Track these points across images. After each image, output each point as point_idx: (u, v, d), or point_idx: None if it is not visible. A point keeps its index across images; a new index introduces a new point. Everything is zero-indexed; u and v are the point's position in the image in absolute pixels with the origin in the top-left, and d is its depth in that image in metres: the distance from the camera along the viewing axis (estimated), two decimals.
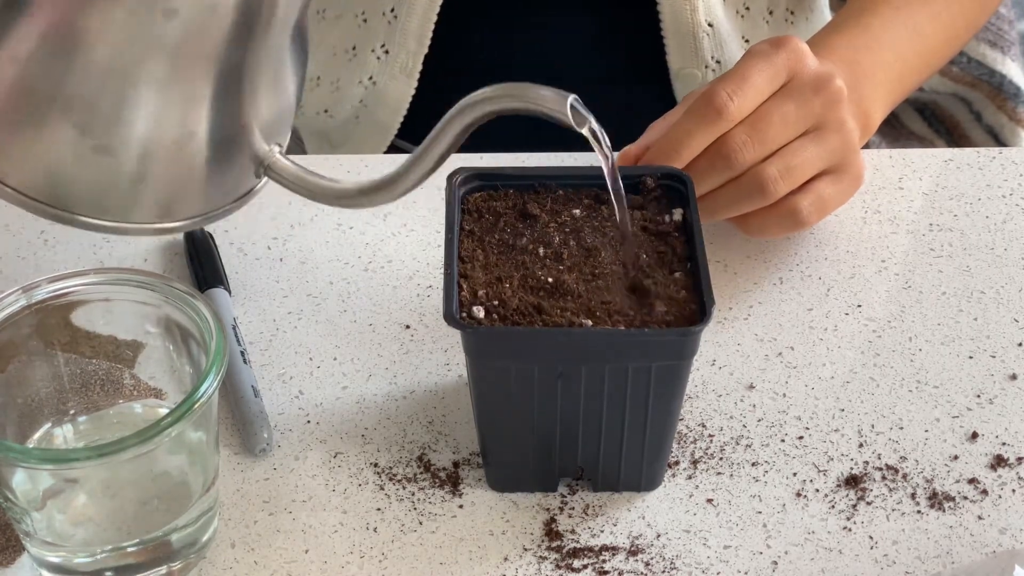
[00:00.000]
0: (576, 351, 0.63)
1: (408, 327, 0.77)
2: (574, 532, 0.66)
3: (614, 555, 0.65)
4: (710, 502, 0.68)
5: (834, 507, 0.67)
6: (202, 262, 0.79)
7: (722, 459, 0.70)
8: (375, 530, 0.67)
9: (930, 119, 1.13)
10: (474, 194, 0.70)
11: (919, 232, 0.83)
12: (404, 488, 0.68)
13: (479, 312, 0.63)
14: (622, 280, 0.65)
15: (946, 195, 0.86)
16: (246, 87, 0.66)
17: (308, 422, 0.72)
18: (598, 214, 0.69)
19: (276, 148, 0.70)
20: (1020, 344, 0.76)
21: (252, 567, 0.65)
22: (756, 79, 0.75)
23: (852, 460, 0.70)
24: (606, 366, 0.63)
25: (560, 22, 1.00)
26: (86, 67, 0.62)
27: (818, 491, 0.68)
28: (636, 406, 0.64)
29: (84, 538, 0.63)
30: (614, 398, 0.64)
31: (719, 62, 0.98)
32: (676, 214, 0.69)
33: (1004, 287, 0.79)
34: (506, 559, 0.65)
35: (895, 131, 1.14)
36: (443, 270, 0.65)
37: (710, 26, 0.97)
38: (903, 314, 0.78)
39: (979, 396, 0.73)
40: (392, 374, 0.74)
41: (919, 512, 0.67)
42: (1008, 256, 0.81)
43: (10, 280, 0.79)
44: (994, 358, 0.75)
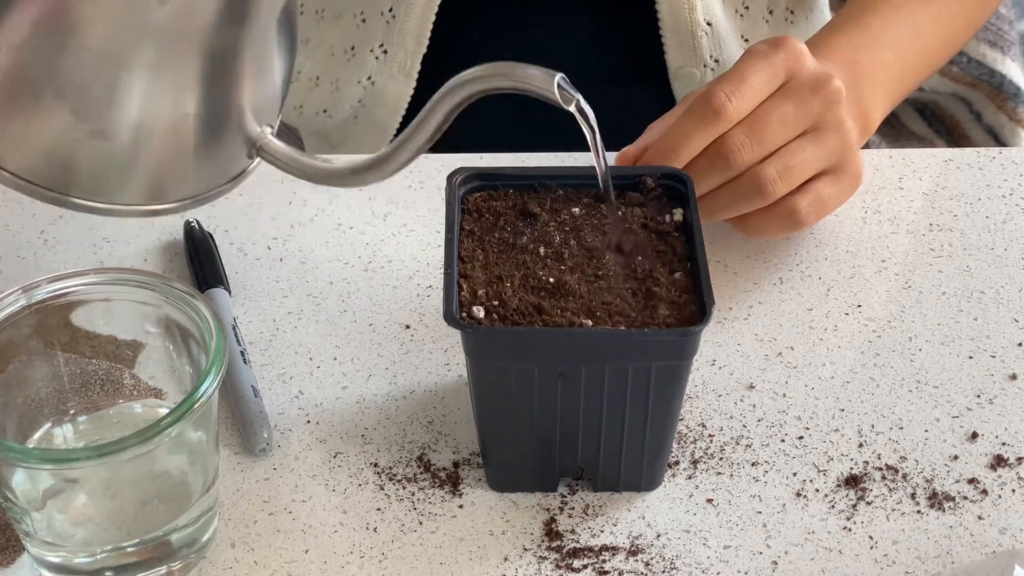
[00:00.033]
0: (576, 351, 0.63)
1: (408, 327, 0.77)
2: (574, 532, 0.66)
3: (614, 555, 0.65)
4: (710, 502, 0.68)
5: (834, 507, 0.67)
6: (202, 262, 0.79)
7: (722, 459, 0.70)
8: (375, 530, 0.67)
9: (930, 119, 1.13)
10: (474, 194, 0.70)
11: (919, 232, 0.83)
12: (404, 488, 0.68)
13: (479, 312, 0.63)
14: (623, 280, 0.65)
15: (946, 195, 0.86)
16: (236, 69, 0.67)
17: (308, 422, 0.72)
18: (598, 212, 0.69)
19: (268, 129, 0.71)
20: (1020, 344, 0.76)
21: (252, 567, 0.65)
22: (754, 79, 0.75)
23: (852, 460, 0.70)
24: (606, 366, 0.63)
25: (558, 22, 1.00)
26: (79, 52, 0.63)
27: (818, 491, 0.68)
28: (636, 406, 0.64)
29: (84, 538, 0.63)
30: (614, 398, 0.64)
31: (718, 61, 0.98)
32: (676, 214, 0.69)
33: (1004, 287, 0.79)
34: (506, 559, 0.65)
35: (895, 131, 1.14)
36: (443, 270, 0.65)
37: (709, 25, 0.97)
38: (903, 314, 0.78)
39: (979, 396, 0.73)
40: (392, 374, 0.74)
41: (919, 512, 0.67)
42: (1008, 256, 0.81)
43: (10, 280, 0.79)
44: (994, 358, 0.75)
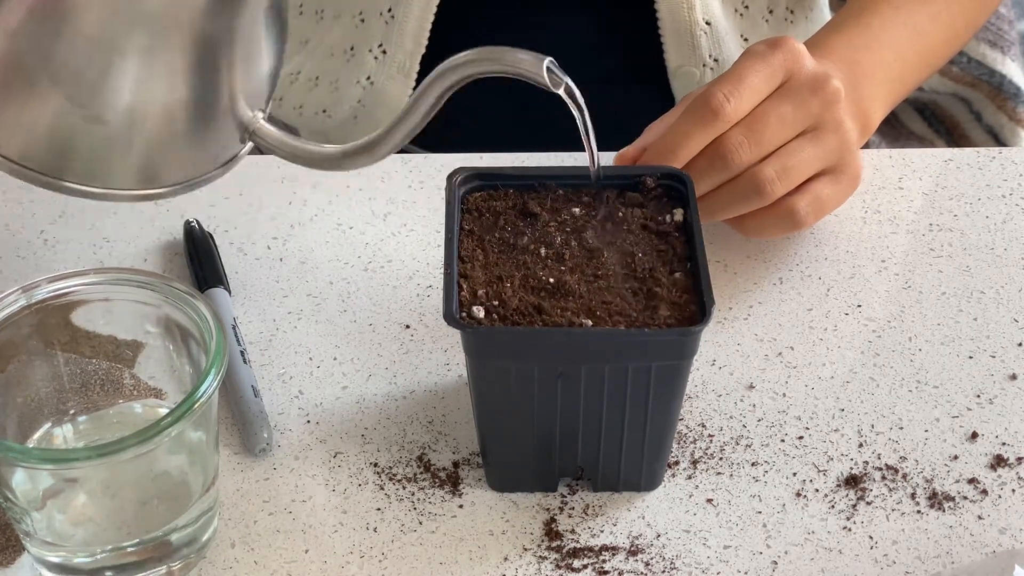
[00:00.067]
0: (576, 351, 0.63)
1: (408, 327, 0.77)
2: (574, 532, 0.66)
3: (614, 555, 0.65)
4: (710, 502, 0.68)
5: (834, 507, 0.67)
6: (202, 262, 0.79)
7: (722, 459, 0.70)
8: (375, 530, 0.67)
9: (930, 119, 1.13)
10: (474, 194, 0.70)
11: (919, 232, 0.83)
12: (404, 488, 0.68)
13: (479, 312, 0.63)
14: (623, 279, 0.65)
15: (946, 195, 0.86)
16: (229, 54, 0.68)
17: (308, 422, 0.72)
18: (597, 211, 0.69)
19: (260, 114, 0.72)
20: (1020, 344, 0.76)
21: (252, 567, 0.65)
22: (753, 80, 0.75)
23: (852, 460, 0.70)
24: (606, 366, 0.63)
25: (558, 22, 1.00)
26: (73, 38, 0.64)
27: (818, 491, 0.68)
28: (636, 406, 0.64)
29: (84, 538, 0.63)
30: (614, 398, 0.64)
31: (717, 60, 0.98)
32: (676, 214, 0.69)
33: (1004, 287, 0.79)
34: (506, 559, 0.65)
35: (895, 131, 1.14)
36: (443, 270, 0.65)
37: (708, 24, 0.97)
38: (903, 314, 0.78)
39: (979, 396, 0.73)
40: (392, 374, 0.74)
41: (919, 512, 0.67)
42: (1008, 256, 0.81)
43: (10, 280, 0.79)
44: (994, 358, 0.75)
